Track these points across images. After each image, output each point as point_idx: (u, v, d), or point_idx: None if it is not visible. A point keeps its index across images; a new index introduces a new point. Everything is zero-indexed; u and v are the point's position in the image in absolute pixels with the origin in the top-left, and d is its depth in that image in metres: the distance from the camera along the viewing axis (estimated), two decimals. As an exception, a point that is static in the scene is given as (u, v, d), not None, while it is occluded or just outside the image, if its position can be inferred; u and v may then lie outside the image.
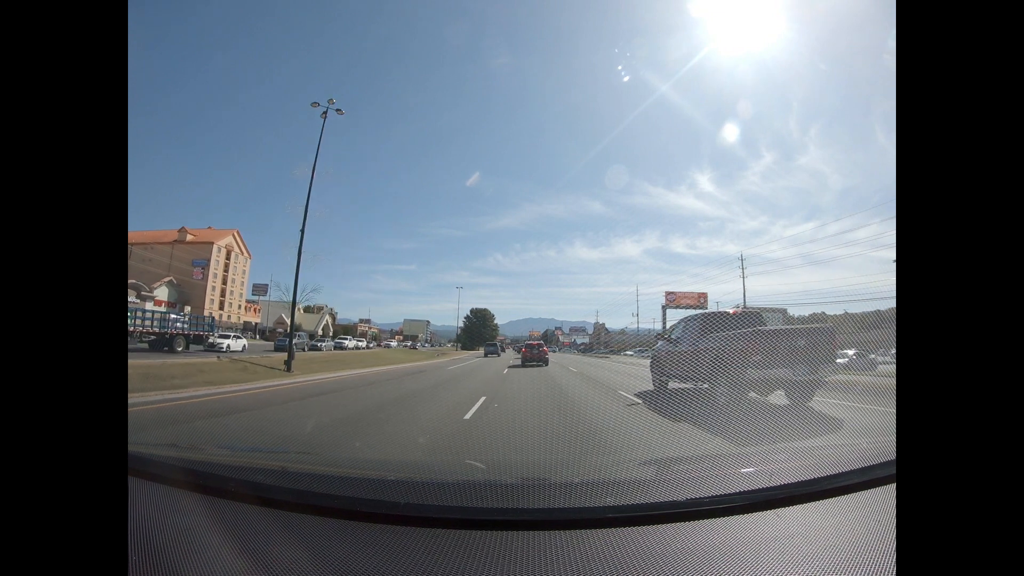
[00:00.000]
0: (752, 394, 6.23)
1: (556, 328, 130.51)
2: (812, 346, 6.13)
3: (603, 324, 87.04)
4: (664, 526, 0.93)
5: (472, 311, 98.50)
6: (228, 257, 76.82)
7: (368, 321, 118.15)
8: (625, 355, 48.21)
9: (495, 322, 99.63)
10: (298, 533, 0.92)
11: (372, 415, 6.90)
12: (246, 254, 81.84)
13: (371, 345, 58.90)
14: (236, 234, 79.37)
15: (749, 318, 8.13)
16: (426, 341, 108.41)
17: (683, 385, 7.99)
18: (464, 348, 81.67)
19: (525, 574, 0.79)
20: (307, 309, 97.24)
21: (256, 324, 65.88)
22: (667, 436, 4.89)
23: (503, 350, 55.44)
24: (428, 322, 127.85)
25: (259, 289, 70.34)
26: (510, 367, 20.63)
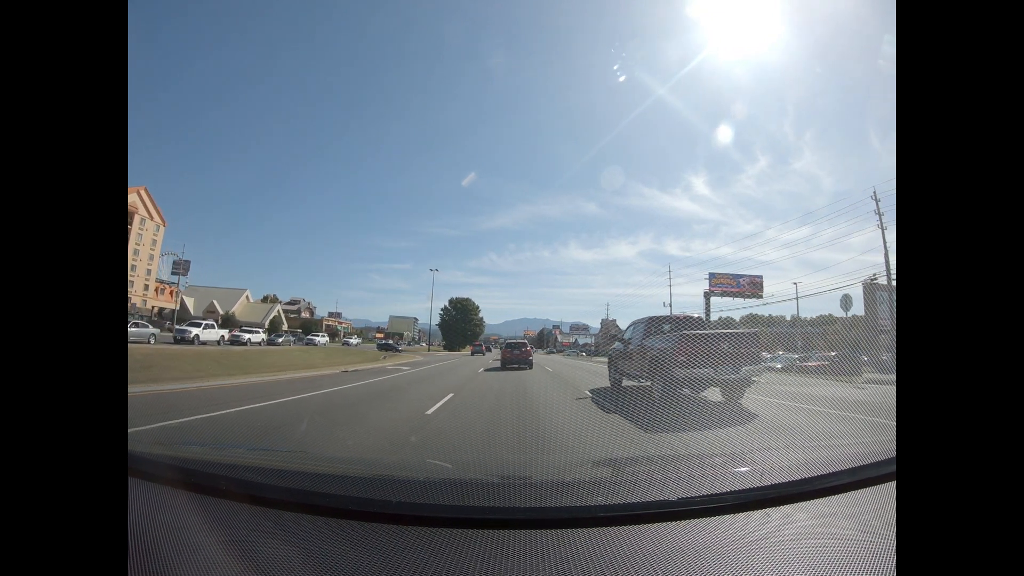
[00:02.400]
0: (685, 390, 7.35)
1: (554, 327, 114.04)
2: (735, 349, 7.19)
3: (614, 320, 71.44)
4: (656, 525, 0.99)
5: (451, 301, 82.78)
6: (130, 222, 59.63)
7: (338, 315, 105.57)
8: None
9: (480, 315, 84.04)
10: (291, 532, 0.98)
11: None
12: (158, 219, 65.04)
13: (284, 339, 46.15)
14: (143, 192, 63.23)
15: (689, 322, 9.64)
16: (414, 339, 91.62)
17: (632, 383, 9.50)
18: (449, 348, 65.08)
19: (518, 573, 0.84)
20: (265, 299, 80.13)
21: (175, 311, 49.45)
22: (661, 435, 5.27)
23: (488, 350, 54.37)
24: (416, 319, 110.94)
25: (182, 267, 53.74)
26: (485, 370, 18.23)
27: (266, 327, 60.11)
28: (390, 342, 59.66)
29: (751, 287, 41.57)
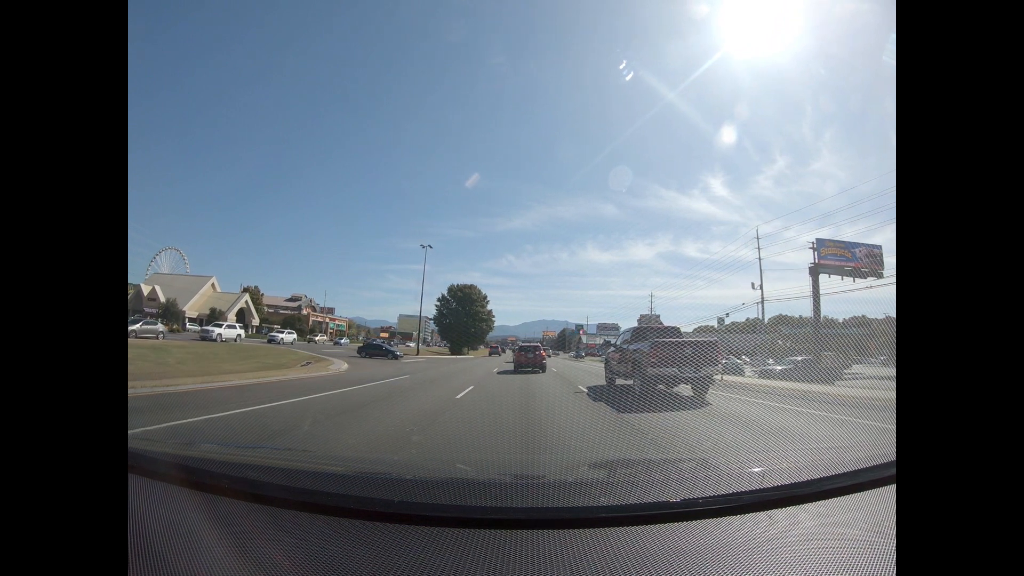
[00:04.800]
0: (660, 386, 9.28)
1: (577, 327, 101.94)
2: (696, 353, 9.03)
3: (657, 316, 57.99)
4: (657, 526, 0.99)
5: (450, 290, 62.85)
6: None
7: (331, 311, 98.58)
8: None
9: (488, 307, 63.75)
10: (292, 530, 0.98)
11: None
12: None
13: (141, 327, 29.85)
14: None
15: (665, 331, 11.86)
16: (426, 339, 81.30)
17: (622, 381, 11.39)
18: (454, 351, 52.38)
19: (518, 573, 0.85)
20: (246, 290, 69.54)
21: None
22: (658, 436, 5.44)
23: (503, 351, 53.05)
24: (428, 318, 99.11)
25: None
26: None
27: (229, 318, 53.77)
28: (382, 343, 40.37)
29: (869, 261, 27.94)
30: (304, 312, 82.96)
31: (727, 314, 37.92)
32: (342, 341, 60.57)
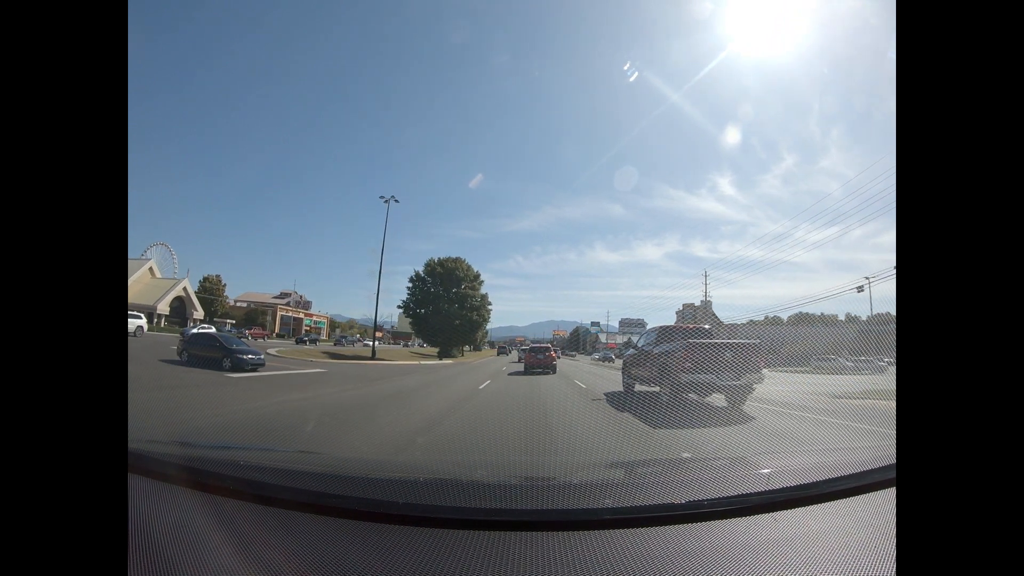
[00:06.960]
0: (691, 395, 8.16)
1: (594, 324, 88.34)
2: (737, 358, 7.98)
3: (710, 303, 43.22)
4: (662, 528, 1.00)
5: (428, 265, 41.83)
6: None
7: (308, 305, 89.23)
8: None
9: (482, 290, 43.81)
10: (295, 531, 0.99)
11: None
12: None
13: None
14: None
15: (696, 332, 10.51)
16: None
17: (644, 387, 10.18)
18: (444, 355, 37.27)
19: (522, 574, 0.85)
20: (209, 280, 68.50)
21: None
22: (660, 438, 5.34)
23: (508, 352, 50.72)
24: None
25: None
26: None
27: (160, 312, 47.02)
28: (219, 337, 18.07)
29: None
30: (288, 309, 77.01)
31: (860, 288, 24.83)
32: (191, 331, 33.09)
